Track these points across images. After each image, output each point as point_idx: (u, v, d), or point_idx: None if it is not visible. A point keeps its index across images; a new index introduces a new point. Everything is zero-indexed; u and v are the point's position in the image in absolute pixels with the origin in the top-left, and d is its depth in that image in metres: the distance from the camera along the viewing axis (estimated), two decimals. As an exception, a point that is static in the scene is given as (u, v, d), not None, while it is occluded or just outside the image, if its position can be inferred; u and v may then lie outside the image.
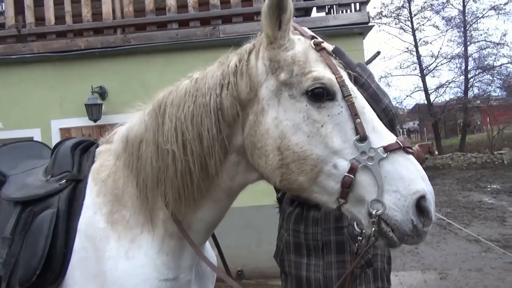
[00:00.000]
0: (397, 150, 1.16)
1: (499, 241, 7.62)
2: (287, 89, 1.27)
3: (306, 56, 1.28)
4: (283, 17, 1.25)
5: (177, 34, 5.92)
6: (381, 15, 28.98)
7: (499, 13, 26.91)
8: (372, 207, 1.13)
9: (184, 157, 1.32)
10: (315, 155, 1.21)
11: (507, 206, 10.99)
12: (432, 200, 1.14)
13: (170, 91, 1.44)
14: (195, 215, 1.44)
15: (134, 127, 1.48)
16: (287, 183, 1.28)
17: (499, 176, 17.30)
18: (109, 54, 5.99)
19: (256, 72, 1.32)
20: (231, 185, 1.44)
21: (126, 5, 6.05)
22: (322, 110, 1.23)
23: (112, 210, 1.46)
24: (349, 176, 1.17)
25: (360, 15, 5.86)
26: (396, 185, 1.13)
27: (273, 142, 1.26)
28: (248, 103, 1.33)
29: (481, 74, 27.41)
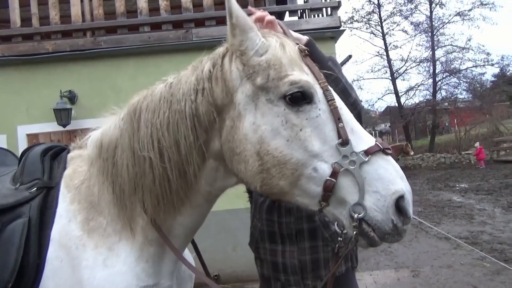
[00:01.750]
0: (377, 152, 1.18)
1: (468, 238, 7.90)
2: (264, 94, 1.26)
3: (281, 60, 1.26)
4: (234, 23, 1.24)
5: (149, 37, 5.84)
6: (352, 20, 29.74)
7: (464, 19, 28.15)
8: (354, 211, 1.15)
9: (161, 164, 1.31)
10: (295, 159, 1.21)
11: (475, 204, 11.42)
12: (411, 200, 1.17)
13: (145, 96, 1.42)
14: (175, 221, 1.42)
15: (108, 132, 1.45)
16: (268, 188, 1.27)
17: (467, 175, 17.97)
18: (79, 58, 5.84)
19: (230, 77, 1.30)
20: (211, 190, 1.43)
21: (96, 7, 5.92)
22: (300, 114, 1.22)
23: (87, 217, 1.41)
24: (331, 180, 1.17)
25: (332, 19, 5.96)
26: (376, 186, 1.15)
27: (252, 148, 1.25)
28: (224, 109, 1.31)
29: (448, 77, 28.52)
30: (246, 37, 1.26)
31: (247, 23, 1.26)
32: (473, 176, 17.52)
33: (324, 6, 6.11)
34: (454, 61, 28.61)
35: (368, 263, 6.76)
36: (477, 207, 11.02)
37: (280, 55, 1.27)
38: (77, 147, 1.63)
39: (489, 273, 5.82)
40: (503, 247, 7.10)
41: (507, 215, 9.65)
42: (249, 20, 1.28)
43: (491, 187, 14.02)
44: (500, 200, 11.61)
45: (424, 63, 29.30)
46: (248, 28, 1.26)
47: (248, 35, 1.26)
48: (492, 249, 7.08)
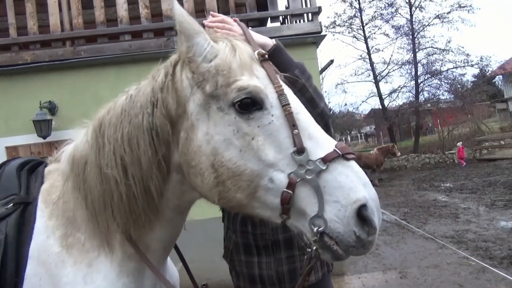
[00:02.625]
0: (336, 158, 1.11)
1: (453, 237, 7.99)
2: (215, 102, 1.20)
3: (230, 65, 1.20)
4: (178, 29, 1.20)
5: (130, 46, 5.79)
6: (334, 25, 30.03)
7: (443, 21, 28.69)
8: (314, 224, 1.08)
9: (126, 181, 1.27)
10: (250, 170, 1.15)
11: (459, 203, 11.58)
12: (375, 207, 1.09)
13: (108, 109, 1.38)
14: (150, 236, 1.39)
15: (79, 147, 1.41)
16: (225, 201, 1.22)
17: (451, 175, 18.24)
18: (58, 68, 5.75)
19: (181, 86, 1.25)
20: (180, 203, 1.39)
21: (75, 16, 5.84)
22: (251, 122, 1.16)
23: (66, 233, 1.38)
24: (287, 191, 1.11)
25: (313, 25, 6.01)
26: (336, 195, 1.08)
27: (206, 160, 1.20)
28: (179, 120, 1.27)
29: (430, 79, 28.99)
30: (192, 43, 1.21)
31: (192, 28, 1.20)
32: (457, 175, 17.79)
33: (305, 12, 6.16)
34: (435, 63, 29.12)
35: (356, 266, 6.77)
36: (462, 206, 11.18)
37: (229, 60, 1.20)
38: (54, 161, 1.59)
39: (474, 272, 5.89)
40: (487, 245, 7.21)
41: (491, 213, 9.82)
42: (195, 25, 1.21)
43: (475, 185, 14.26)
44: (484, 198, 11.80)
45: (406, 65, 29.73)
46: (193, 33, 1.20)
47: (194, 41, 1.21)
48: (477, 247, 7.18)
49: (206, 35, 1.24)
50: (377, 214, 1.10)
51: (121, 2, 5.86)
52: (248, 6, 6.14)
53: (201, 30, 1.23)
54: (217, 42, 1.25)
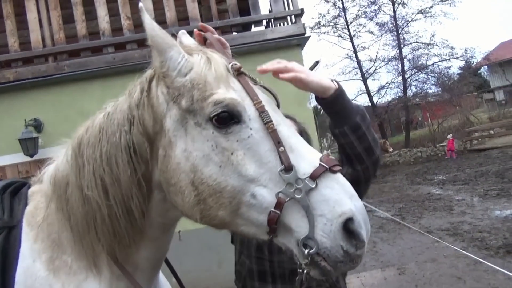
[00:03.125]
0: (323, 173, 1.07)
1: (449, 230, 8.04)
2: (192, 117, 1.16)
3: (205, 78, 1.16)
4: (150, 44, 1.17)
5: (114, 58, 5.74)
6: (319, 25, 30.20)
7: (426, 16, 29.03)
8: (305, 246, 1.04)
9: (107, 202, 1.23)
10: (231, 186, 1.11)
11: (453, 195, 11.67)
12: (362, 220, 1.06)
13: (87, 128, 1.34)
14: (136, 256, 1.36)
15: (60, 167, 1.37)
16: (208, 220, 1.18)
17: (443, 167, 18.40)
18: (42, 84, 5.67)
19: (157, 102, 1.22)
20: (164, 221, 1.36)
21: (56, 31, 5.78)
22: (229, 136, 1.13)
23: (52, 256, 1.34)
24: (275, 211, 1.07)
25: (296, 27, 6.01)
26: (321, 209, 1.04)
27: (186, 177, 1.15)
28: (156, 137, 1.24)
29: (417, 73, 29.30)
30: (165, 57, 1.17)
31: (164, 41, 1.17)
32: (450, 167, 17.94)
33: (288, 15, 6.16)
34: (421, 57, 29.44)
35: (355, 265, 6.76)
36: (456, 197, 11.27)
37: (204, 73, 1.16)
38: (37, 181, 1.54)
39: (472, 263, 5.92)
40: (483, 235, 7.26)
41: (485, 203, 9.90)
42: (167, 38, 1.18)
43: (467, 176, 14.39)
44: (477, 188, 11.91)
45: (392, 61, 30.01)
46: (166, 47, 1.17)
47: (167, 55, 1.17)
48: (473, 238, 7.23)
49: (179, 48, 1.20)
50: (365, 226, 1.07)
51: (103, 14, 5.82)
52: (231, 11, 6.13)
53: (174, 43, 1.20)
54: (192, 55, 1.22)
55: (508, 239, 6.76)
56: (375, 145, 1.50)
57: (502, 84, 36.80)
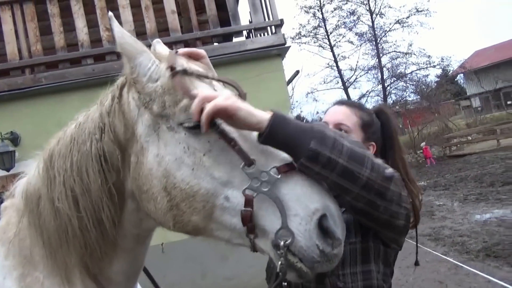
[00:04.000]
0: (291, 170, 1.05)
1: (431, 235, 8.17)
2: (164, 121, 1.16)
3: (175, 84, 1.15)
4: (120, 51, 1.17)
5: (94, 70, 5.66)
6: (300, 35, 30.71)
7: (403, 26, 29.88)
8: (280, 238, 1.01)
9: (77, 214, 1.21)
10: (204, 189, 1.09)
11: (434, 200, 11.89)
12: (336, 216, 1.03)
13: (58, 139, 1.32)
14: (111, 268, 1.33)
15: (32, 181, 1.34)
16: (181, 226, 1.16)
17: (424, 173, 18.74)
18: (19, 97, 5.55)
19: (128, 108, 1.22)
20: (139, 232, 1.34)
21: (33, 43, 5.68)
22: (201, 137, 1.11)
23: (23, 273, 1.30)
24: (246, 209, 1.03)
25: (276, 37, 6.07)
26: (295, 208, 1.01)
27: (158, 183, 1.14)
28: (128, 144, 1.23)
29: (396, 82, 29.99)
30: (135, 63, 1.17)
31: (133, 47, 1.17)
32: (430, 173, 18.29)
33: (268, 25, 6.22)
34: (399, 66, 30.21)
35: (339, 272, 6.79)
36: (437, 203, 11.48)
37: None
38: (9, 196, 1.49)
39: (453, 267, 6.02)
40: (463, 240, 7.40)
41: (464, 208, 10.11)
42: (137, 44, 1.18)
43: (447, 182, 14.69)
44: (457, 193, 12.17)
45: (372, 70, 30.70)
46: (136, 53, 1.17)
47: (137, 61, 1.17)
48: (453, 242, 7.36)
49: (150, 54, 1.20)
50: (340, 223, 1.04)
51: (81, 26, 5.76)
52: (211, 22, 6.15)
53: (144, 49, 1.20)
54: (162, 61, 1.21)
55: (487, 242, 6.90)
56: (356, 164, 1.07)
57: (478, 91, 37.94)
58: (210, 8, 6.08)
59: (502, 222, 7.98)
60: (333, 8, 30.23)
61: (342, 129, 1.57)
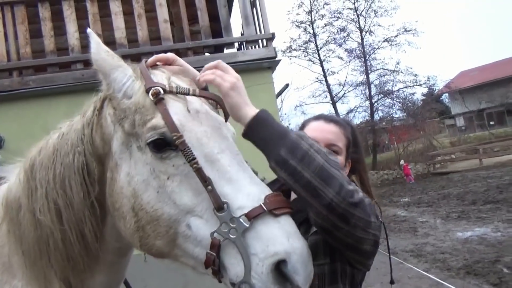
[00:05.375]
0: (261, 215, 0.98)
1: (413, 251, 8.24)
2: (135, 140, 1.14)
3: (146, 102, 1.12)
4: (95, 68, 1.16)
5: (83, 75, 5.63)
6: (290, 49, 31.08)
7: (392, 44, 30.53)
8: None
9: (60, 227, 1.20)
10: (167, 214, 1.06)
11: (417, 217, 12.01)
12: (300, 263, 0.96)
13: (40, 149, 1.31)
14: (92, 280, 1.31)
15: (12, 188, 1.33)
16: (146, 248, 1.14)
17: (408, 190, 18.96)
18: (5, 99, 5.47)
19: (106, 123, 1.21)
20: (121, 246, 1.32)
21: (22, 46, 5.63)
22: (166, 160, 1.08)
23: (1, 280, 1.28)
24: (210, 253, 1.00)
25: (267, 50, 6.14)
26: (255, 247, 0.96)
27: (127, 202, 1.13)
28: (106, 159, 1.22)
29: (383, 98, 30.46)
30: (109, 79, 1.16)
31: (108, 63, 1.16)
32: (414, 190, 18.50)
33: (260, 38, 6.30)
34: (387, 83, 30.77)
35: (322, 286, 6.78)
36: (420, 219, 11.59)
37: (144, 97, 1.12)
38: None
39: (434, 284, 6.08)
40: (445, 257, 7.48)
41: (446, 225, 10.24)
42: (112, 60, 1.16)
43: (431, 199, 14.88)
44: (439, 211, 12.32)
45: (360, 86, 31.19)
46: (110, 69, 1.16)
47: (111, 77, 1.16)
48: (435, 259, 7.43)
49: (126, 69, 1.18)
50: (303, 270, 0.96)
51: (72, 30, 5.74)
52: (203, 33, 6.20)
53: (119, 64, 1.18)
54: (138, 77, 1.19)
55: (468, 260, 6.99)
56: (322, 182, 1.06)
57: (462, 111, 38.81)
58: (203, 19, 6.14)
59: (482, 240, 8.11)
60: (324, 24, 30.80)
61: (334, 150, 1.56)
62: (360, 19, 30.60)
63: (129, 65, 1.22)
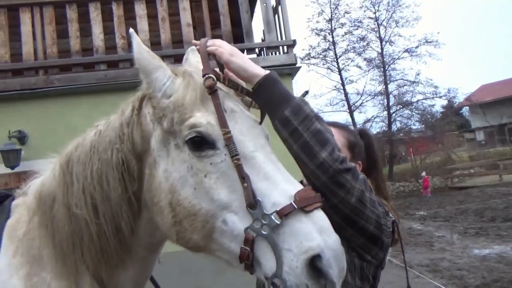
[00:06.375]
0: (292, 213, 1.02)
1: (429, 266, 8.06)
2: (173, 139, 1.18)
3: (185, 101, 1.17)
4: (137, 67, 1.19)
5: (106, 75, 5.74)
6: (309, 56, 31.04)
7: (412, 55, 30.18)
8: (273, 285, 1.00)
9: (96, 221, 1.23)
10: (204, 209, 1.10)
11: (433, 231, 11.76)
12: (333, 257, 0.98)
13: (77, 145, 1.34)
14: (121, 275, 1.33)
15: (46, 182, 1.36)
16: (183, 242, 1.18)
17: (425, 203, 18.60)
18: (30, 96, 5.61)
19: (145, 121, 1.25)
20: (152, 241, 1.35)
21: (49, 45, 5.78)
22: (204, 159, 1.12)
23: (30, 272, 1.30)
24: (245, 248, 1.04)
25: (288, 57, 6.16)
26: (289, 243, 0.99)
27: (165, 197, 1.17)
28: (144, 155, 1.25)
29: (401, 109, 30.07)
30: (150, 78, 1.20)
31: (150, 63, 1.19)
32: (431, 203, 18.15)
33: (281, 45, 6.32)
34: (406, 94, 30.38)
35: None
36: (436, 234, 11.35)
37: (183, 96, 1.17)
38: (21, 194, 1.51)
39: (450, 301, 5.92)
40: (462, 273, 7.29)
41: (464, 241, 10.00)
42: (154, 60, 1.20)
43: (448, 213, 14.56)
44: (457, 226, 12.04)
45: (378, 96, 30.85)
46: (151, 69, 1.19)
47: (152, 77, 1.20)
48: (452, 275, 7.25)
49: (166, 70, 1.22)
50: (336, 264, 0.99)
51: (97, 32, 5.86)
52: (225, 38, 6.25)
53: (160, 65, 1.21)
54: (177, 76, 1.23)
55: (486, 278, 6.80)
56: (317, 143, 1.19)
57: (483, 125, 38.00)
58: (225, 23, 6.20)
59: (501, 259, 7.88)
60: (344, 32, 30.67)
61: None
62: (381, 28, 30.38)
63: (168, 65, 1.25)
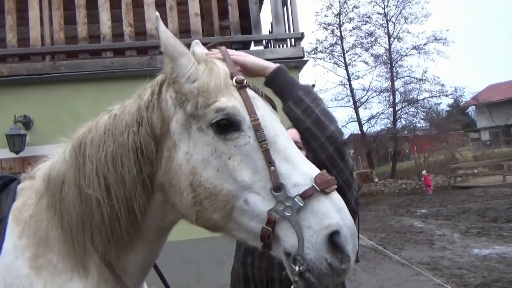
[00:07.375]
0: (313, 195, 1.09)
1: (429, 264, 8.06)
2: (195, 122, 1.22)
3: (208, 86, 1.22)
4: (163, 51, 1.22)
5: (112, 63, 5.72)
6: (316, 51, 30.87)
7: (420, 52, 29.94)
8: (294, 263, 1.07)
9: (109, 201, 1.25)
10: (226, 190, 1.16)
11: (435, 230, 11.75)
12: (349, 234, 1.08)
13: (90, 128, 1.36)
14: (128, 258, 1.35)
15: (56, 165, 1.37)
16: (202, 222, 1.23)
17: (427, 201, 18.57)
18: (36, 82, 5.61)
19: (166, 105, 1.27)
20: (162, 225, 1.37)
21: (56, 31, 5.76)
22: (228, 142, 1.18)
23: (37, 254, 1.31)
24: (267, 228, 1.11)
25: (295, 50, 6.12)
26: (309, 220, 1.08)
27: (185, 179, 1.21)
28: (162, 138, 1.27)
29: (407, 106, 29.89)
30: (175, 64, 1.23)
31: (176, 49, 1.22)
32: (433, 201, 18.12)
33: (288, 37, 6.27)
34: (412, 91, 30.20)
35: (334, 291, 6.71)
36: (437, 232, 11.34)
37: (207, 81, 1.22)
38: (28, 178, 1.52)
39: (449, 299, 5.92)
40: (462, 272, 7.29)
41: (465, 240, 9.98)
42: (180, 47, 1.24)
43: (450, 212, 14.54)
44: (458, 225, 12.02)
45: (384, 93, 30.68)
46: (177, 55, 1.23)
47: (177, 62, 1.23)
48: (452, 274, 7.26)
49: (190, 56, 1.26)
50: (352, 241, 1.08)
51: (105, 19, 5.84)
52: (233, 29, 6.21)
53: (185, 51, 1.25)
54: (199, 63, 1.27)
55: (487, 278, 6.80)
56: (328, 118, 1.44)
57: (488, 125, 37.74)
58: (233, 14, 6.15)
59: (502, 259, 7.86)
60: (352, 27, 30.45)
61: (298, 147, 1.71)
62: (389, 24, 30.14)
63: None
